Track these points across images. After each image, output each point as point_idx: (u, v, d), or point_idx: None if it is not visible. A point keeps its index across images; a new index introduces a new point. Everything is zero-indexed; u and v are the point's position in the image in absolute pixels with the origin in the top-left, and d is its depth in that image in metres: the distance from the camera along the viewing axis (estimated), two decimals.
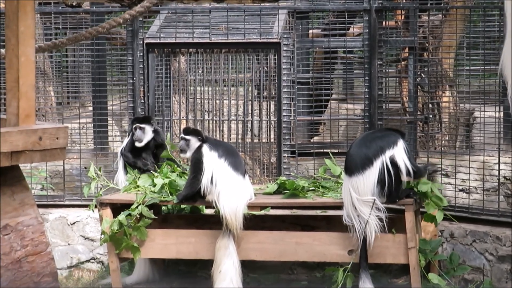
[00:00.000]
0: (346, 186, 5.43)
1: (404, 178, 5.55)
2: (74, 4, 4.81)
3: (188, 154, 5.58)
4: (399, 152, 5.45)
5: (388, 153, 5.41)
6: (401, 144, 5.50)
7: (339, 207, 5.46)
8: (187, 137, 5.57)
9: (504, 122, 6.74)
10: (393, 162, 5.40)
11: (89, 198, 5.99)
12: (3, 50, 3.31)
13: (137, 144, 5.93)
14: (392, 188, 5.38)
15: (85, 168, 6.46)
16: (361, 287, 5.38)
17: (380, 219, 5.31)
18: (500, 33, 6.47)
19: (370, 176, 5.37)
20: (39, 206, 4.23)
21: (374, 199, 5.36)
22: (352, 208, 5.35)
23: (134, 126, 5.96)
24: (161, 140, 6.06)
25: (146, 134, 5.96)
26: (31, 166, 6.42)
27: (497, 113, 6.67)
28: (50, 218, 6.30)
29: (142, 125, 5.93)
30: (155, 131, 6.02)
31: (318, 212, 5.90)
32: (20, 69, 2.98)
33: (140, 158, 6.09)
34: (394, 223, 5.39)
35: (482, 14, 7.23)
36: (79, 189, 6.47)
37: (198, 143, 5.51)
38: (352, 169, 5.38)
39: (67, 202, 6.52)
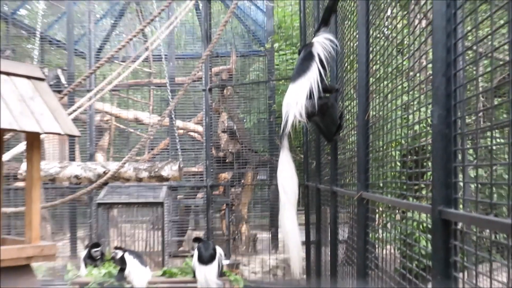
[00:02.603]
0: (202, 271, 6.64)
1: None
2: None
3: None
4: (218, 248, 6.92)
5: (217, 248, 6.90)
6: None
7: (194, 282, 7.10)
8: (116, 251, 7.78)
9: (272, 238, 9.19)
10: (221, 254, 6.85)
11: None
12: None
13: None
14: (221, 270, 6.87)
15: None
16: None
17: None
18: None
19: (216, 264, 6.67)
20: None
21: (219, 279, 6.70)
22: (207, 284, 6.65)
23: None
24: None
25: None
26: None
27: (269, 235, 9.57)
28: None
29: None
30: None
31: (186, 285, 7.51)
32: None
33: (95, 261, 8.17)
34: None
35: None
36: None
37: (122, 253, 7.67)
38: (206, 261, 6.63)
39: None
